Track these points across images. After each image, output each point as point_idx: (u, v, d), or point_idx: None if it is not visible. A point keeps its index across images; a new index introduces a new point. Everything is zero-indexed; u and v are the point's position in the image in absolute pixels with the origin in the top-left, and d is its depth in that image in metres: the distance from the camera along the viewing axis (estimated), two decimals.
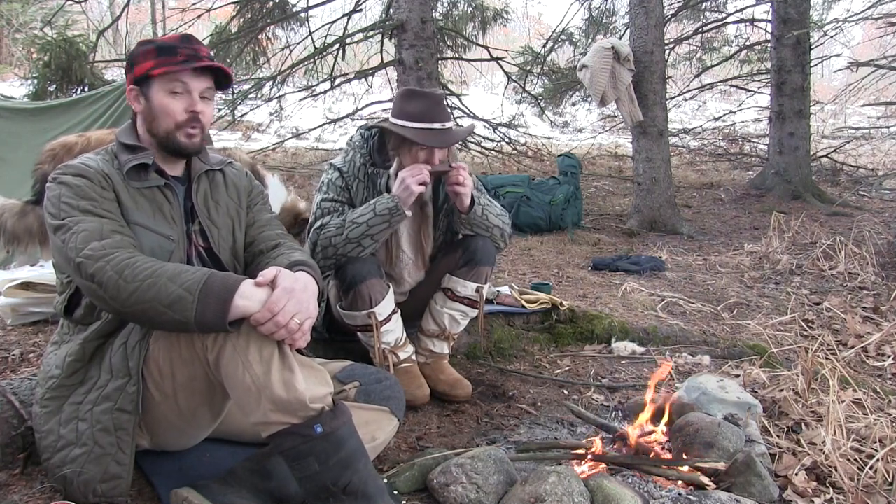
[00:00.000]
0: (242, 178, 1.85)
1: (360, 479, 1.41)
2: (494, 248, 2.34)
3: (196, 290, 1.35)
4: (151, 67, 1.57)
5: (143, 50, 1.60)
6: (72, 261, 1.43)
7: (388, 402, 1.71)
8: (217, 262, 1.71)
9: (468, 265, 2.29)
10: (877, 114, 10.61)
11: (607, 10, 9.36)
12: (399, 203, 2.10)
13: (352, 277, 2.14)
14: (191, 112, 1.60)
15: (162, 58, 1.57)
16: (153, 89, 1.59)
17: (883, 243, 4.87)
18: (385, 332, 2.24)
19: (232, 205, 1.78)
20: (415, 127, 2.15)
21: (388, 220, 2.12)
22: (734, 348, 2.89)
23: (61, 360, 1.56)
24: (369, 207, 2.13)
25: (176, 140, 1.61)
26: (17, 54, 11.92)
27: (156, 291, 1.36)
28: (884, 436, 1.93)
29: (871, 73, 7.16)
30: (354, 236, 2.12)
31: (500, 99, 10.11)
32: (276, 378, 1.36)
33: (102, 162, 1.59)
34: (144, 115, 1.63)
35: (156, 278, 1.37)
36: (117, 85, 4.14)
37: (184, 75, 1.58)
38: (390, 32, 6.64)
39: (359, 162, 2.27)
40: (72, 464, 1.48)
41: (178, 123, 1.59)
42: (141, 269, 1.39)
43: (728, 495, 1.66)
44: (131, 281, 1.37)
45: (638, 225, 5.78)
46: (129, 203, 1.57)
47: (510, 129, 9.54)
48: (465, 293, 2.32)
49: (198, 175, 1.72)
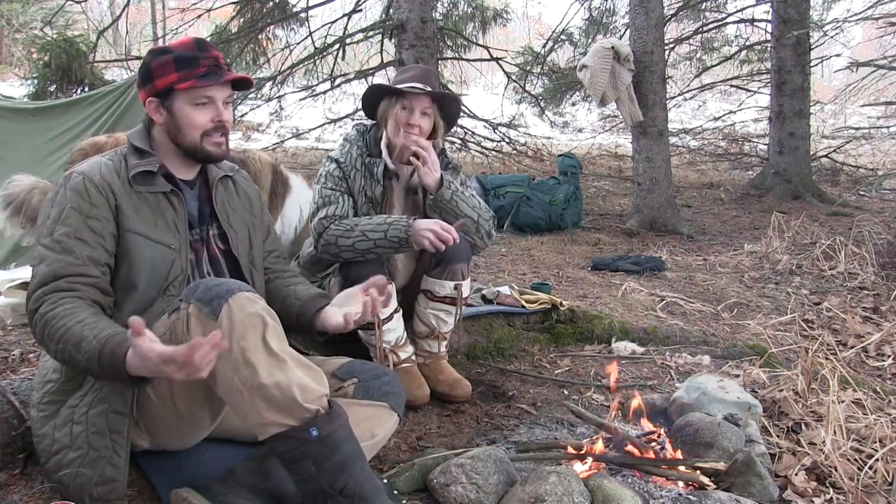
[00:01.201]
0: (251, 188, 1.89)
1: (357, 481, 1.41)
2: (468, 244, 2.31)
3: (95, 362, 1.35)
4: (175, 81, 1.57)
5: (160, 62, 1.59)
6: (28, 297, 1.49)
7: (387, 398, 1.71)
8: (235, 264, 1.75)
9: (440, 264, 2.29)
10: (877, 114, 10.61)
11: (607, 10, 9.36)
12: (411, 238, 2.12)
13: (356, 275, 2.15)
14: (217, 122, 1.63)
15: (184, 71, 1.57)
16: (177, 102, 1.60)
17: (883, 243, 4.87)
18: (386, 331, 2.24)
19: (245, 213, 1.82)
20: (397, 87, 2.24)
21: (396, 248, 2.16)
22: (734, 348, 2.89)
23: (59, 364, 1.56)
24: (382, 227, 2.14)
25: (203, 149, 1.64)
26: (17, 54, 11.91)
27: (68, 356, 1.40)
28: (884, 436, 1.93)
29: (871, 73, 7.17)
30: (361, 248, 2.16)
31: (500, 99, 10.11)
32: (266, 378, 1.36)
33: (106, 167, 1.60)
34: (167, 126, 1.63)
35: (64, 343, 1.39)
36: (117, 85, 4.15)
37: (207, 88, 1.59)
38: (390, 32, 6.64)
39: (355, 153, 2.31)
40: (67, 467, 1.47)
41: (205, 133, 1.62)
42: (56, 327, 1.41)
43: (728, 495, 1.66)
44: (50, 339, 1.42)
45: (638, 225, 5.78)
46: (129, 211, 1.57)
47: (510, 129, 9.53)
48: (444, 293, 2.32)
49: (216, 180, 1.75)
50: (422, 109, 2.24)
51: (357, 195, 2.28)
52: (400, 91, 2.24)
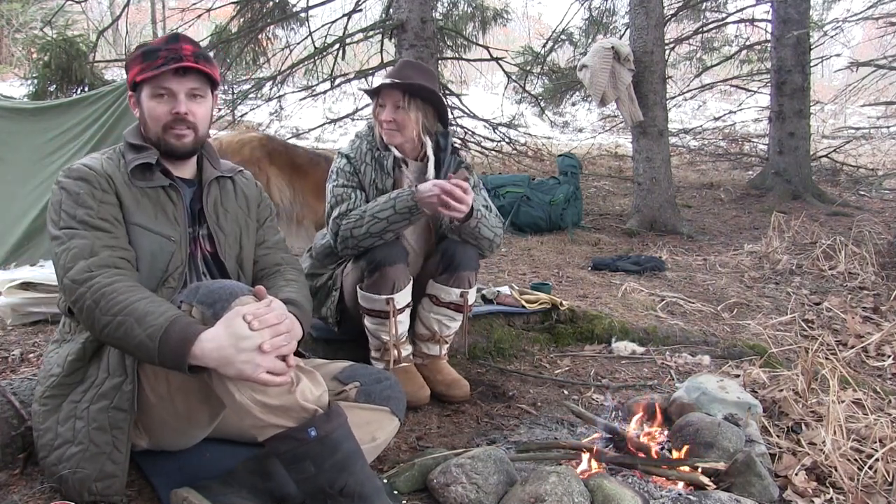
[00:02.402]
0: (252, 188, 1.87)
1: (357, 480, 1.41)
2: (477, 253, 2.31)
3: (157, 338, 1.35)
4: (137, 73, 1.60)
5: (133, 56, 1.63)
6: (60, 278, 1.47)
7: (388, 402, 1.71)
8: (221, 268, 1.73)
9: (447, 271, 2.28)
10: (877, 114, 10.61)
11: (607, 10, 9.36)
12: (419, 204, 2.10)
13: (381, 258, 2.15)
14: (174, 114, 1.61)
15: (146, 62, 1.59)
16: (143, 95, 1.62)
17: (883, 243, 4.87)
18: (397, 323, 2.24)
19: (241, 214, 1.80)
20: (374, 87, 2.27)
21: (409, 218, 2.15)
22: (734, 348, 2.89)
23: (62, 359, 1.56)
24: (389, 203, 2.13)
25: (166, 142, 1.63)
26: (17, 54, 11.90)
27: (123, 331, 1.38)
28: (884, 436, 1.93)
29: (871, 73, 7.17)
30: (376, 231, 2.14)
31: (500, 99, 10.10)
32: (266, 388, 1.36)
33: (107, 162, 1.61)
34: (141, 119, 1.66)
35: (125, 316, 1.38)
36: (117, 85, 4.13)
37: (164, 79, 1.59)
38: (390, 32, 6.64)
39: (365, 148, 2.32)
40: (67, 462, 1.48)
41: (164, 126, 1.61)
42: (116, 300, 1.40)
43: (728, 495, 1.66)
44: (105, 313, 1.40)
45: (638, 225, 5.78)
46: (130, 204, 1.58)
47: (510, 129, 9.53)
48: (450, 299, 2.31)
49: (209, 180, 1.73)
50: (394, 103, 2.24)
51: (368, 189, 2.28)
52: (377, 89, 2.27)
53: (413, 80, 2.23)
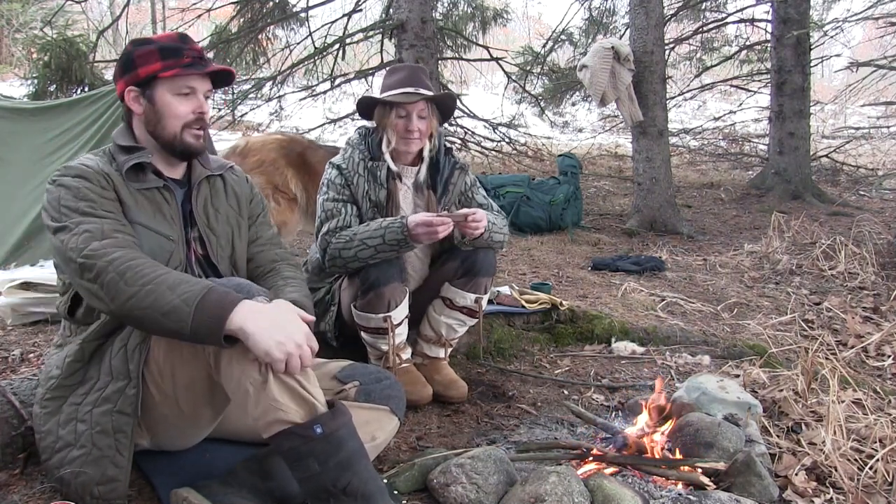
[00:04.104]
0: (243, 185, 1.85)
1: (360, 479, 1.41)
2: (495, 259, 2.33)
3: (193, 302, 1.33)
4: (159, 70, 1.57)
5: (144, 51, 1.59)
6: (72, 261, 1.42)
7: (388, 402, 1.71)
8: (215, 270, 1.71)
9: (467, 276, 2.28)
10: (877, 114, 10.61)
11: (607, 10, 9.35)
12: (409, 238, 2.08)
13: (375, 279, 2.13)
14: (199, 113, 1.62)
15: (169, 60, 1.57)
16: (158, 91, 1.59)
17: (883, 243, 4.87)
18: (396, 336, 2.24)
19: (232, 213, 1.78)
20: (391, 93, 2.21)
21: (397, 250, 2.12)
22: (734, 348, 2.89)
23: (61, 361, 1.56)
24: (379, 232, 2.10)
25: (183, 141, 1.62)
26: (17, 54, 11.90)
27: (154, 299, 1.35)
28: (884, 436, 1.93)
29: (871, 73, 7.17)
30: (364, 257, 2.12)
31: (500, 99, 10.09)
32: (274, 382, 1.36)
33: (101, 162, 1.59)
34: (146, 117, 1.62)
35: (156, 285, 1.36)
36: None
37: (190, 77, 1.59)
38: (390, 32, 6.63)
39: (357, 158, 2.28)
40: (70, 465, 1.47)
41: (186, 124, 1.61)
42: (142, 272, 1.38)
43: (728, 495, 1.66)
44: (132, 284, 1.36)
45: (638, 225, 5.78)
46: (129, 202, 1.57)
47: (510, 129, 9.52)
48: (464, 303, 2.31)
49: (199, 180, 1.72)
50: (418, 113, 2.22)
51: (361, 200, 2.24)
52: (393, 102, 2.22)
53: (431, 89, 2.25)
